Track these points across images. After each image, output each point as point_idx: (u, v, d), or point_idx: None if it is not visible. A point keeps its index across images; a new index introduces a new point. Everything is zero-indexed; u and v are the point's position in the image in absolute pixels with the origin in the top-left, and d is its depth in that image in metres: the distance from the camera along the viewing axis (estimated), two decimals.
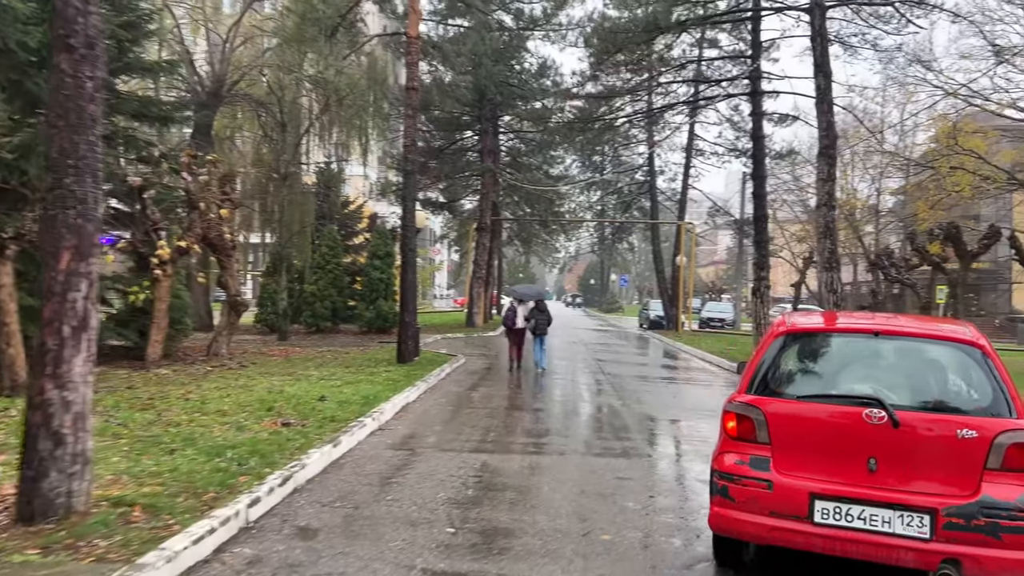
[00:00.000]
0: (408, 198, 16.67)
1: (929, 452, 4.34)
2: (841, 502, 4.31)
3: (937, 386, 4.74)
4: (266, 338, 24.53)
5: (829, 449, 4.48)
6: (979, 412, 4.38)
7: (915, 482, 4.31)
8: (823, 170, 15.50)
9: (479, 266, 31.80)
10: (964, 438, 4.26)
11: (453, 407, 11.18)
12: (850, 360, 4.95)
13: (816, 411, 4.60)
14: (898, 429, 4.31)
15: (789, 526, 4.39)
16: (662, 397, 13.28)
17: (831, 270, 15.49)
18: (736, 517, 4.56)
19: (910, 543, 4.18)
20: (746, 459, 4.61)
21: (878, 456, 4.35)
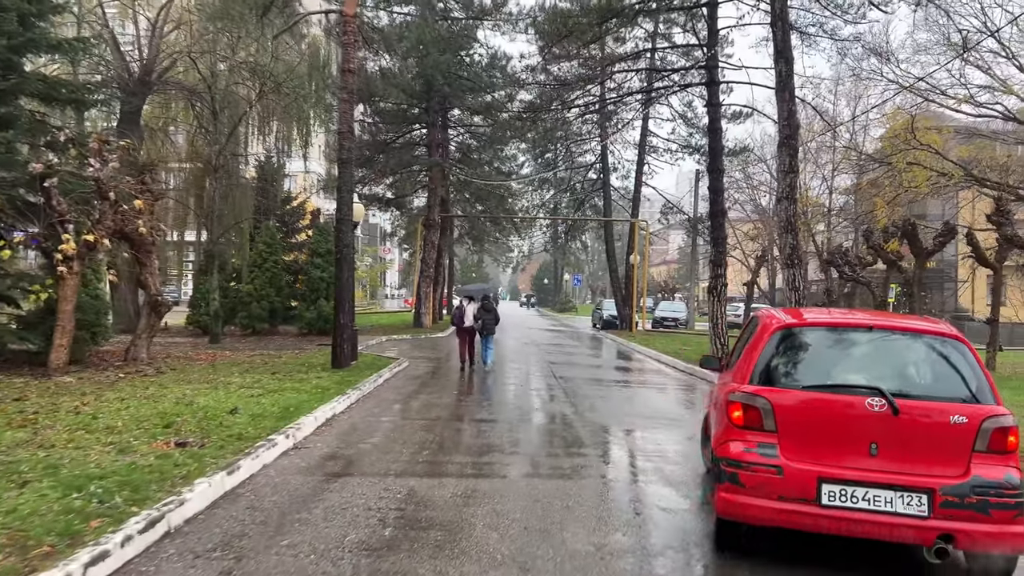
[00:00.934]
0: (343, 189, 15.39)
1: (925, 437, 4.67)
2: (846, 485, 4.59)
3: (929, 376, 5.04)
4: (197, 341, 22.98)
5: (833, 435, 4.76)
6: (967, 400, 4.77)
7: (913, 465, 4.62)
8: (784, 162, 14.73)
9: (427, 264, 30.53)
10: (955, 424, 4.62)
11: (386, 419, 9.98)
12: (847, 352, 5.24)
13: (820, 400, 4.86)
14: (897, 416, 4.64)
15: (798, 509, 4.62)
16: (616, 403, 12.27)
17: (793, 266, 14.73)
18: (745, 502, 4.74)
19: (910, 521, 4.50)
20: (754, 446, 4.82)
21: (879, 441, 4.67)
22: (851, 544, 4.99)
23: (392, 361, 16.88)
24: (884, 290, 26.59)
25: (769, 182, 42.18)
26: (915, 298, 23.99)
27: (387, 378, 14.38)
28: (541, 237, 55.06)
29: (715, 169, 18.88)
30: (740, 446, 4.88)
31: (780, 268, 15.08)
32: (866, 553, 5.17)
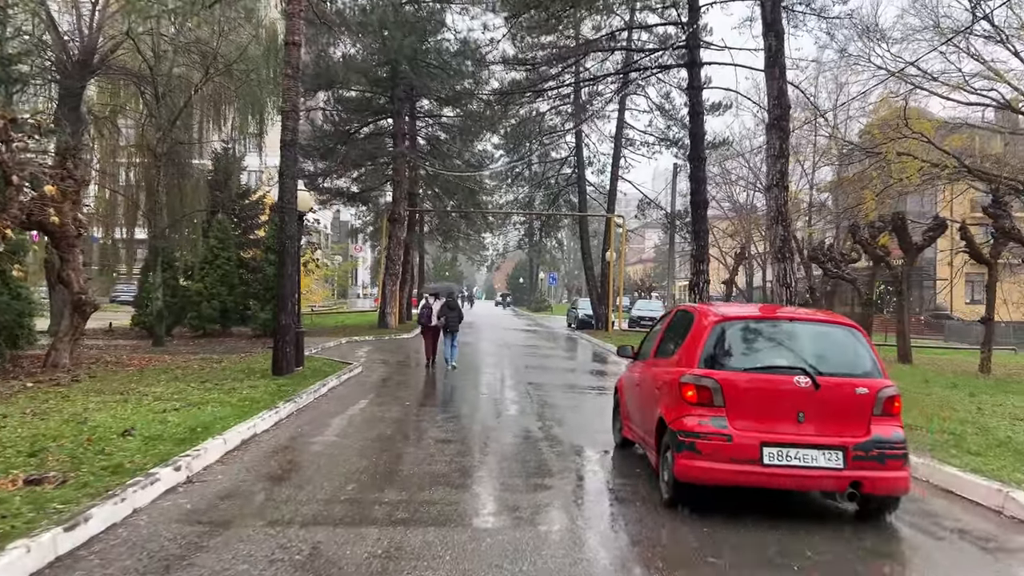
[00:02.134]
0: (286, 174, 13.76)
1: (839, 405, 5.74)
2: (783, 447, 5.59)
3: (839, 357, 6.05)
4: (140, 343, 21.24)
5: (770, 407, 5.75)
6: (866, 375, 5.88)
7: (831, 428, 5.68)
8: (774, 145, 13.36)
9: (392, 261, 28.87)
10: (859, 394, 5.73)
11: (316, 439, 8.40)
12: (775, 340, 6.24)
13: (758, 379, 5.84)
14: (818, 390, 5.67)
15: (746, 469, 5.58)
16: (590, 416, 10.78)
17: (784, 260, 13.36)
18: (702, 466, 5.61)
19: (830, 473, 5.58)
20: (707, 419, 5.71)
21: (805, 411, 5.70)
22: (763, 495, 6.04)
23: (344, 366, 15.27)
24: (870, 287, 25.44)
25: (748, 176, 41.10)
26: (904, 296, 22.85)
27: (333, 386, 12.78)
28: (516, 235, 53.51)
29: (696, 157, 17.50)
30: (695, 420, 5.78)
31: (769, 262, 13.68)
32: (769, 502, 6.14)
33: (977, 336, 41.54)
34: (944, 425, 9.48)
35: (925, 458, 7.50)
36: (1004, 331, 44.57)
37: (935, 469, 7.12)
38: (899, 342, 22.39)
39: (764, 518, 5.84)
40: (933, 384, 14.66)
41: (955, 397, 12.65)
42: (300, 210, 14.67)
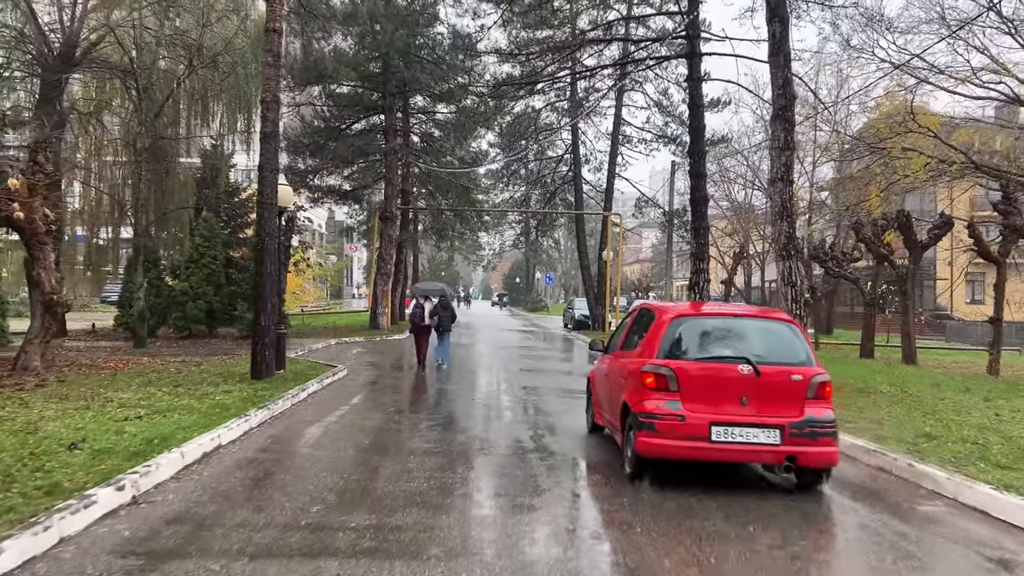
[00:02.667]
0: (266, 167, 13.07)
1: (777, 390, 6.56)
2: (728, 426, 6.39)
3: (777, 348, 6.90)
4: (122, 344, 20.57)
5: (717, 392, 6.55)
6: (801, 364, 6.71)
7: (770, 409, 6.48)
8: (779, 137, 12.71)
9: (384, 260, 28.16)
10: (795, 380, 6.57)
11: (286, 452, 7.72)
12: (723, 334, 7.08)
13: (707, 367, 6.70)
14: (759, 377, 6.48)
15: (696, 445, 6.38)
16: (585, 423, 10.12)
17: (789, 258, 12.70)
18: (659, 443, 6.44)
19: (770, 448, 6.37)
20: (664, 402, 6.53)
21: (748, 395, 6.50)
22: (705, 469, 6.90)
23: (328, 370, 14.58)
24: (874, 287, 24.78)
25: (746, 174, 40.47)
26: (909, 295, 22.22)
27: (314, 391, 12.09)
28: (512, 234, 52.82)
29: (696, 152, 16.83)
30: (654, 403, 6.51)
31: (773, 260, 13.02)
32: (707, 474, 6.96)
33: (979, 336, 41.07)
34: (964, 433, 8.83)
35: (950, 472, 6.83)
36: (1007, 331, 43.94)
37: (966, 487, 6.44)
38: (904, 343, 21.75)
39: (714, 488, 6.63)
40: (945, 388, 14.01)
41: (970, 402, 12.00)
42: (281, 205, 13.99)
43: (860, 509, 6.24)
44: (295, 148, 28.72)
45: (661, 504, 6.09)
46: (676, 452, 6.40)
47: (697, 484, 6.64)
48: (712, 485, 6.67)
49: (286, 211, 15.06)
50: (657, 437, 6.40)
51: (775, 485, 6.97)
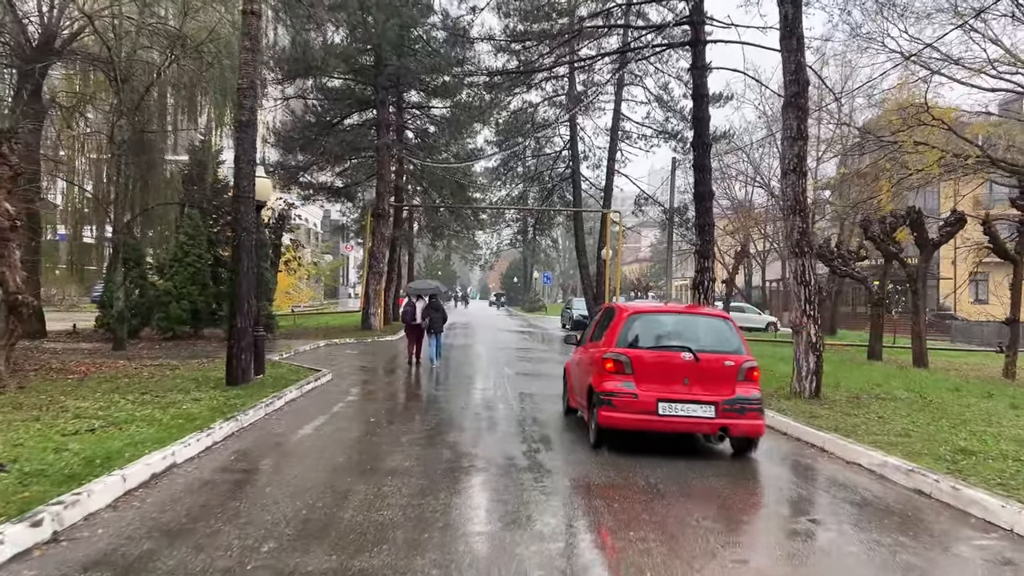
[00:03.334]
0: (242, 159, 12.21)
1: (713, 373, 7.86)
2: (672, 402, 7.69)
3: (714, 340, 8.25)
4: (101, 346, 19.72)
5: (664, 375, 7.87)
6: (733, 352, 8.07)
7: (707, 389, 7.78)
8: (791, 126, 11.88)
9: (376, 259, 27.29)
10: (727, 366, 7.92)
11: (245, 473, 6.86)
12: (669, 328, 8.57)
13: (656, 355, 8.06)
14: (698, 363, 7.83)
15: (646, 417, 7.71)
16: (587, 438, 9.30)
17: (802, 255, 11.86)
18: (616, 416, 7.79)
19: (706, 420, 7.68)
20: (620, 383, 7.87)
21: (689, 377, 7.81)
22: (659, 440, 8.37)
23: (311, 374, 13.73)
24: (882, 286, 23.96)
25: (748, 171, 39.64)
26: (919, 295, 21.39)
27: (292, 399, 11.24)
28: (509, 232, 51.94)
29: (700, 144, 15.99)
30: (612, 384, 7.91)
31: (787, 257, 12.18)
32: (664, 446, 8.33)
33: (984, 337, 40.26)
34: (1003, 448, 7.99)
35: (1003, 498, 5.95)
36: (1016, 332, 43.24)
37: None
38: (915, 344, 20.95)
39: (662, 455, 7.97)
40: (965, 393, 13.19)
41: (997, 409, 11.18)
42: (261, 199, 13.11)
43: (907, 544, 5.37)
44: (285, 144, 27.86)
45: (616, 462, 7.66)
46: (630, 423, 7.83)
47: (646, 452, 8.07)
48: (657, 453, 8.11)
49: (267, 205, 14.15)
50: (615, 411, 7.81)
51: (719, 453, 8.47)
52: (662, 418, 7.69)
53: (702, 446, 8.67)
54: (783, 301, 58.22)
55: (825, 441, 8.58)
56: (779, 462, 8.28)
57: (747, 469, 7.74)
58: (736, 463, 7.93)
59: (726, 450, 8.42)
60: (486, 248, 70.51)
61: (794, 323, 12.10)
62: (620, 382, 7.86)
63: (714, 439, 8.32)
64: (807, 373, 11.79)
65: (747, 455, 8.13)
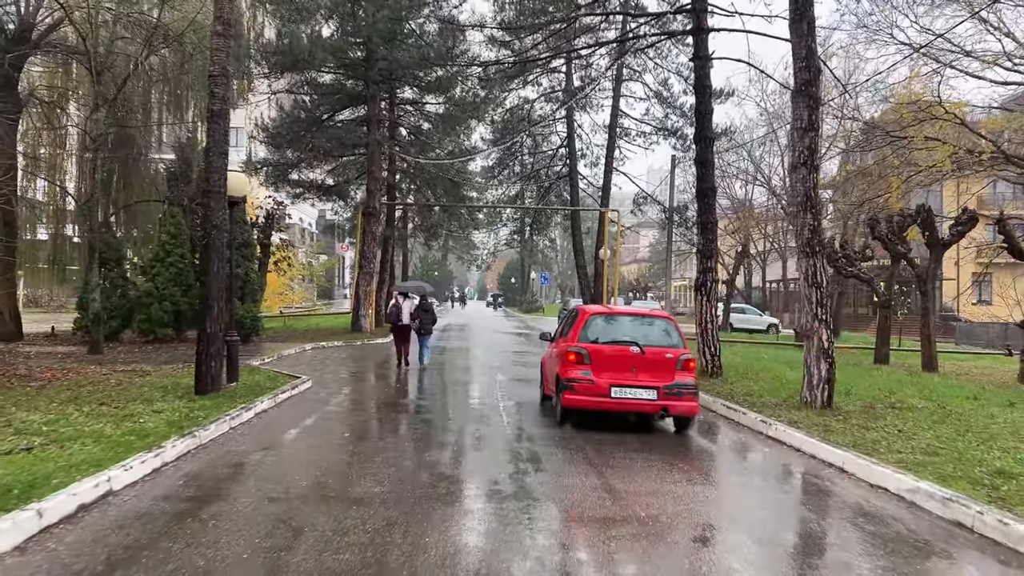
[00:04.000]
0: (213, 151, 11.38)
1: (656, 364, 9.43)
2: (622, 387, 9.22)
3: (658, 337, 9.91)
4: (78, 350, 18.92)
5: (616, 365, 9.44)
6: (672, 346, 9.69)
7: (651, 376, 9.33)
8: (801, 116, 11.06)
9: (367, 259, 26.44)
10: (668, 357, 9.49)
11: (193, 502, 6.02)
12: (621, 326, 10.24)
13: (610, 348, 9.59)
14: (644, 355, 9.41)
15: (601, 399, 9.25)
16: (587, 475, 8.47)
17: (813, 255, 11.04)
18: (577, 399, 9.37)
19: (649, 402, 9.22)
20: (580, 372, 9.42)
21: (636, 367, 9.39)
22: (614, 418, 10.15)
23: (289, 381, 12.89)
24: (889, 288, 23.16)
25: (749, 169, 38.82)
26: (929, 296, 20.61)
27: (263, 410, 10.40)
28: (506, 232, 51.11)
29: (703, 138, 15.16)
30: (574, 372, 9.46)
31: (797, 256, 11.36)
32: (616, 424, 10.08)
33: (989, 339, 39.46)
34: None
35: None
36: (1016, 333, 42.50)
37: None
38: (924, 348, 20.15)
39: (614, 431, 9.59)
40: (985, 402, 12.37)
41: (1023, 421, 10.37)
42: (233, 194, 12.27)
43: None
44: (274, 140, 27.02)
45: (576, 433, 9.46)
46: (587, 405, 9.39)
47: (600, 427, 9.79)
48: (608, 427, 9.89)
49: (245, 202, 13.29)
50: (576, 394, 9.37)
51: (661, 429, 10.11)
52: (614, 400, 9.28)
53: (652, 424, 10.35)
54: (784, 302, 57.42)
55: (845, 460, 7.76)
56: (795, 483, 7.47)
57: (682, 442, 9.51)
58: (676, 437, 9.67)
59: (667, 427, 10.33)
60: (483, 248, 69.72)
61: (804, 327, 11.29)
62: (580, 371, 9.45)
63: (656, 418, 10.18)
64: (819, 381, 10.97)
65: (686, 432, 9.81)
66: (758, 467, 8.43)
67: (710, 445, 9.56)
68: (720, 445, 9.61)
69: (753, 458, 8.83)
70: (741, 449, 9.29)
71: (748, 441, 9.61)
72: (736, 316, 38.22)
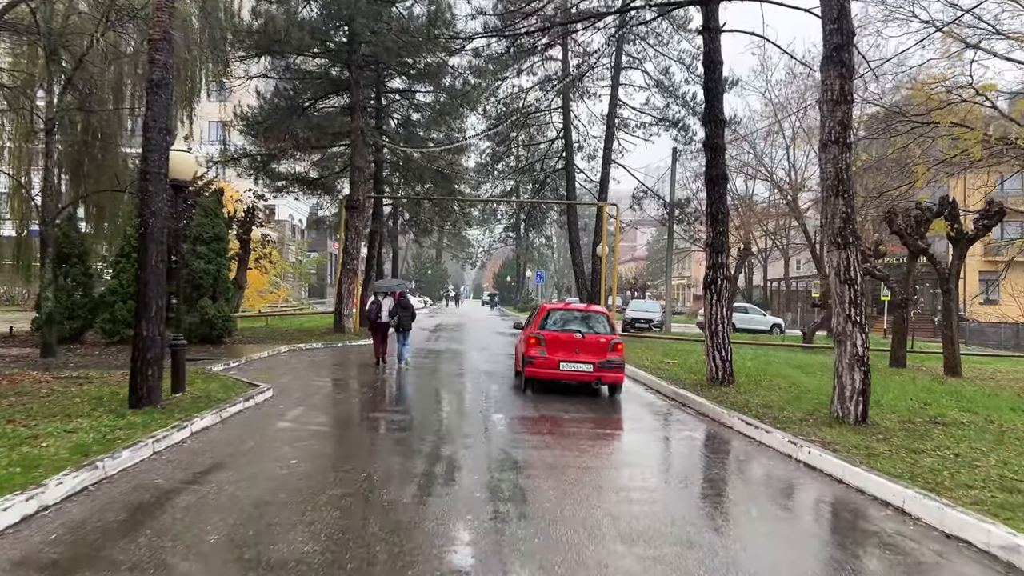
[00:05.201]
0: (152, 127, 9.85)
1: (593, 346, 12.59)
2: (568, 362, 12.38)
3: (595, 325, 13.17)
4: (31, 352, 17.42)
5: (564, 347, 12.50)
6: (606, 333, 12.98)
7: (589, 355, 12.48)
8: (832, 86, 9.56)
9: (351, 256, 24.87)
10: (602, 341, 12.69)
11: (56, 568, 4.49)
12: (569, 317, 13.45)
13: (560, 334, 12.73)
14: (584, 339, 12.63)
15: (552, 371, 12.44)
16: (585, 492, 6.96)
17: (845, 247, 9.53)
18: (536, 371, 12.53)
19: (588, 373, 12.46)
20: (538, 351, 12.49)
21: (579, 347, 12.52)
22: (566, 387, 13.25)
23: (246, 391, 11.33)
24: (907, 286, 21.65)
25: (752, 163, 37.33)
26: (953, 295, 19.14)
27: (202, 428, 8.85)
28: (501, 229, 49.56)
29: (713, 119, 13.64)
30: (533, 351, 12.53)
31: (826, 249, 9.82)
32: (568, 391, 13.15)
33: (1001, 340, 37.97)
34: None
35: None
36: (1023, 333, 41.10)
37: None
38: (947, 350, 18.70)
39: (563, 395, 12.89)
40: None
41: None
42: (177, 177, 10.71)
43: None
44: (252, 129, 25.44)
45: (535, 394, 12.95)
46: (543, 375, 12.59)
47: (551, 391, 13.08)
48: (557, 391, 13.06)
49: (186, 186, 11.69)
50: (534, 367, 12.58)
51: (596, 392, 13.22)
52: (562, 371, 12.46)
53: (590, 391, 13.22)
54: (785, 301, 56.00)
55: (905, 498, 6.23)
56: (848, 533, 5.94)
57: (614, 402, 12.99)
58: (609, 399, 12.92)
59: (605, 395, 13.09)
60: (478, 246, 68.20)
61: (836, 331, 9.77)
62: (537, 350, 12.56)
63: (594, 385, 12.99)
64: (852, 393, 9.46)
65: (615, 396, 12.98)
66: (794, 504, 6.91)
67: (733, 475, 8.04)
68: (744, 473, 8.09)
69: (781, 487, 7.31)
70: (766, 481, 7.74)
71: (775, 469, 8.04)
72: (739, 316, 36.68)
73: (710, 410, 11.27)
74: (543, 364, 12.34)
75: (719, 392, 12.65)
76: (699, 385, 13.54)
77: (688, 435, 10.17)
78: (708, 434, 10.11)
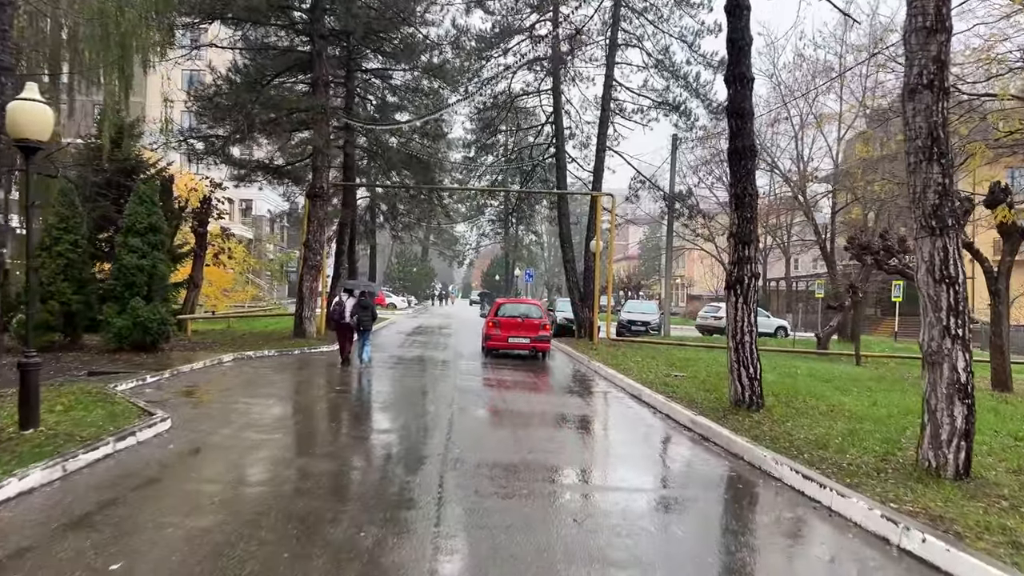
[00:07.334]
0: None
1: (530, 327, 20.35)
2: (514, 337, 20.20)
3: (533, 313, 21.28)
4: None
5: (512, 327, 20.34)
6: (539, 318, 20.91)
7: (527, 333, 20.23)
8: (925, 8, 6.88)
9: (313, 251, 22.01)
10: (537, 323, 20.51)
11: None
12: (515, 308, 21.93)
13: (509, 318, 20.64)
14: (524, 322, 20.49)
15: (504, 344, 20.24)
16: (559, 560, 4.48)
17: (943, 232, 6.86)
18: (492, 344, 20.37)
19: (527, 344, 20.22)
20: (494, 331, 20.35)
21: (521, 328, 20.33)
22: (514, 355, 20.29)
23: (136, 421, 8.53)
24: None
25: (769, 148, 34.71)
26: (1002, 298, 16.55)
27: (23, 491, 6.07)
28: (486, 220, 46.79)
29: (739, 77, 10.95)
30: (491, 331, 20.35)
31: (915, 235, 7.09)
32: (515, 359, 19.50)
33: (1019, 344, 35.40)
34: None
35: None
36: None
37: None
38: (995, 360, 16.12)
39: (512, 361, 19.14)
40: None
41: None
42: (28, 136, 7.85)
43: None
44: (203, 107, 22.58)
45: (493, 360, 19.04)
46: (497, 347, 20.15)
47: (504, 358, 19.64)
48: (508, 358, 19.86)
49: (37, 151, 8.73)
50: (492, 342, 20.13)
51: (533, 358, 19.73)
52: (510, 343, 19.91)
53: None
54: (786, 302, 53.42)
55: None
56: None
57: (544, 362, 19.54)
58: (540, 360, 19.75)
59: None
60: (465, 244, 65.54)
61: (928, 349, 7.06)
62: (493, 330, 20.06)
63: (530, 352, 20.17)
64: (951, 435, 6.79)
65: (545, 360, 19.98)
66: None
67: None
68: None
69: None
70: None
71: (872, 572, 5.28)
72: None
73: (744, 450, 8.55)
74: (498, 339, 19.97)
75: (749, 420, 9.95)
76: (721, 410, 10.79)
77: (717, 492, 7.45)
78: (742, 488, 7.38)
